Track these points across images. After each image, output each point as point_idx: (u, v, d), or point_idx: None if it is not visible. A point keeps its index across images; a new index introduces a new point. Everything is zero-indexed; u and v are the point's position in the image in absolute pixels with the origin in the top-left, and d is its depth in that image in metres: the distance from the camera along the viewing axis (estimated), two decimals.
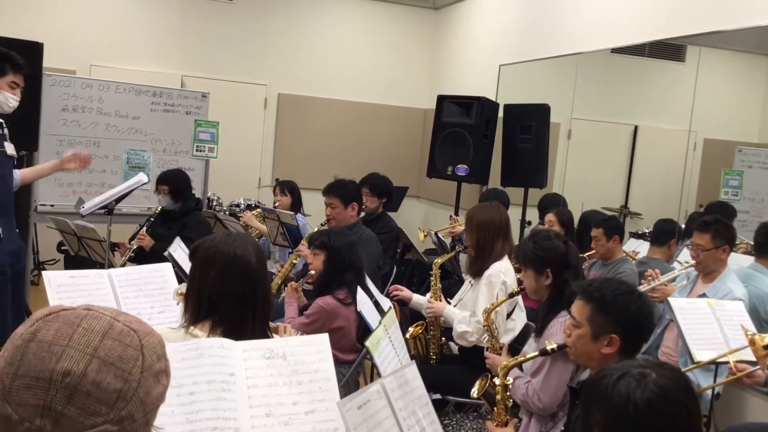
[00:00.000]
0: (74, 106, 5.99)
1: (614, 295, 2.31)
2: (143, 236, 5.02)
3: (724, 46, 5.32)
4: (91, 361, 1.02)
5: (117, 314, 1.11)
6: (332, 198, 4.74)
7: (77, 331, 1.05)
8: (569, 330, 2.41)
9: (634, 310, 2.29)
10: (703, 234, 3.82)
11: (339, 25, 8.51)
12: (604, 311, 2.30)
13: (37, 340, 1.04)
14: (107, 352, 1.04)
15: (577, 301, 2.40)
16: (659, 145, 6.10)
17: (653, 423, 1.50)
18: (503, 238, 3.87)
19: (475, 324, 3.67)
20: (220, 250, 2.28)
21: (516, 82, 6.98)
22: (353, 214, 4.76)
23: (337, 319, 3.62)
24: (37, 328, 1.06)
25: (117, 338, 1.06)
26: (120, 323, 1.08)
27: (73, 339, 1.04)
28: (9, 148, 3.71)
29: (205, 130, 6.40)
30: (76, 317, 1.07)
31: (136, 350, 1.07)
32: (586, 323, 2.33)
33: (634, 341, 2.33)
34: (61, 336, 1.04)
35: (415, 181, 8.68)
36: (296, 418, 1.97)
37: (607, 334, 2.29)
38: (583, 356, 2.39)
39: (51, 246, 6.74)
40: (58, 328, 1.05)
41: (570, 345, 2.42)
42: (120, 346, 1.06)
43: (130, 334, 1.08)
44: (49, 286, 2.72)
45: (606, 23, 5.74)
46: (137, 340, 1.08)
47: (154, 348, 1.11)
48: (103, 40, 7.51)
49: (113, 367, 1.03)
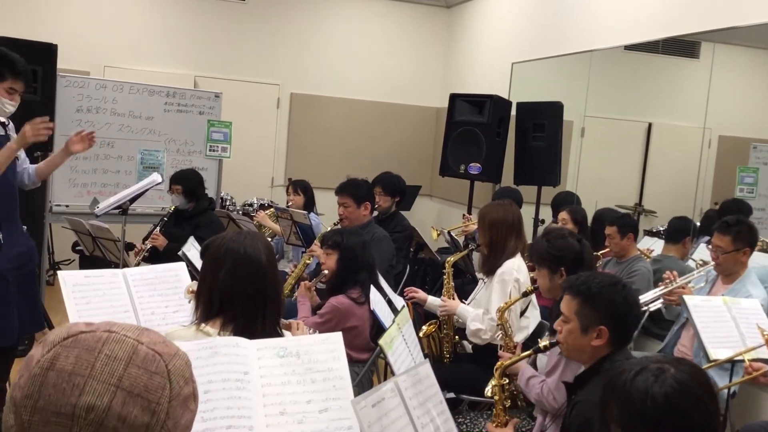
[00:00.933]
0: (88, 107, 6.02)
1: (599, 287, 2.34)
2: (157, 236, 5.04)
3: (738, 43, 5.28)
4: (115, 393, 0.95)
5: (139, 334, 1.03)
6: (345, 197, 4.74)
7: (99, 359, 0.97)
8: (560, 326, 2.43)
9: (619, 301, 2.32)
10: (724, 236, 3.72)
11: (351, 24, 8.51)
12: (590, 304, 2.33)
13: (56, 369, 0.96)
14: (132, 381, 0.97)
15: (564, 297, 2.43)
16: (674, 142, 6.06)
17: (671, 418, 1.50)
18: (516, 236, 3.86)
19: (488, 321, 3.66)
20: (231, 248, 2.29)
21: (529, 80, 6.96)
22: (366, 213, 4.76)
23: (350, 318, 3.62)
24: (55, 354, 0.98)
25: (142, 365, 0.98)
26: (144, 346, 1.00)
27: (95, 368, 0.96)
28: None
29: (218, 130, 6.42)
30: (96, 341, 0.99)
31: (163, 377, 1.00)
32: (575, 317, 2.36)
33: (622, 332, 2.36)
34: (81, 365, 0.96)
35: (428, 180, 8.67)
36: (310, 416, 1.97)
37: (595, 326, 2.32)
38: (575, 351, 2.42)
39: (66, 246, 6.79)
40: (78, 355, 0.97)
41: (561, 340, 2.44)
42: (146, 375, 0.98)
43: (156, 359, 1.00)
44: (64, 285, 2.74)
45: (619, 20, 5.71)
46: (163, 365, 1.00)
47: (181, 372, 1.03)
48: (117, 42, 7.55)
49: (140, 399, 0.96)
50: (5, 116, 3.66)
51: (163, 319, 2.84)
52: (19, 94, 3.64)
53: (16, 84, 3.59)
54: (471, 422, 3.31)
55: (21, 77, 3.60)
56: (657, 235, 5.38)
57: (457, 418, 3.26)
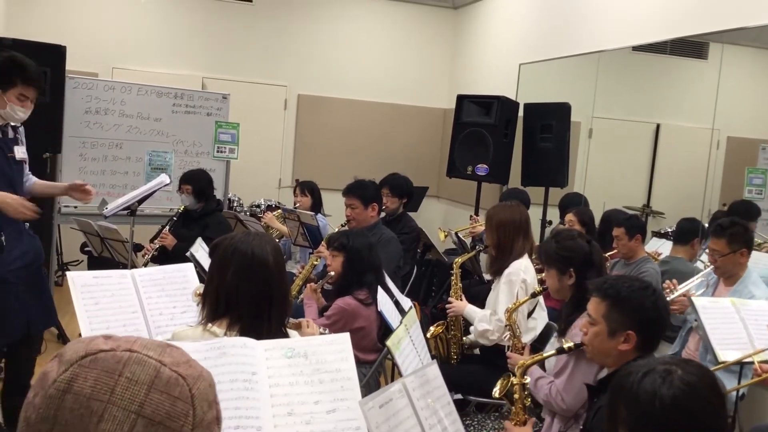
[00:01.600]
0: (97, 109, 6.05)
1: (629, 291, 2.31)
2: (166, 235, 5.06)
3: (747, 43, 5.26)
4: (136, 421, 0.90)
5: (162, 353, 0.97)
6: (352, 199, 4.74)
7: (119, 383, 0.91)
8: (585, 328, 2.40)
9: (649, 306, 2.29)
10: (719, 239, 3.75)
11: (358, 25, 8.52)
12: (619, 308, 2.30)
13: (73, 391, 0.91)
14: (154, 408, 0.91)
15: (592, 299, 2.39)
16: (682, 143, 6.05)
17: (679, 420, 1.50)
18: (523, 237, 3.86)
19: (495, 322, 3.66)
20: (239, 249, 2.30)
21: (536, 81, 6.95)
22: (373, 214, 4.76)
23: (357, 319, 3.62)
24: (72, 375, 0.92)
25: (164, 390, 0.93)
26: (167, 368, 0.95)
27: (115, 393, 0.91)
28: (18, 152, 3.64)
29: (226, 131, 6.43)
30: (117, 362, 0.93)
31: (187, 403, 0.94)
32: (602, 320, 2.33)
33: (650, 337, 2.32)
34: (101, 389, 0.91)
35: (435, 181, 8.67)
36: (318, 417, 1.97)
37: (623, 330, 2.29)
38: (600, 354, 2.39)
39: (74, 247, 6.82)
40: (97, 377, 0.92)
41: (587, 343, 2.41)
42: (168, 400, 0.93)
43: (179, 382, 0.94)
44: (73, 286, 2.75)
45: (627, 21, 5.69)
46: (187, 390, 0.95)
47: (205, 396, 0.97)
48: (125, 43, 7.58)
49: (161, 427, 0.91)
50: (16, 122, 3.64)
51: (171, 319, 2.85)
52: (31, 101, 3.58)
53: (27, 91, 3.53)
54: (479, 423, 3.31)
55: (32, 84, 3.54)
56: (665, 237, 5.36)
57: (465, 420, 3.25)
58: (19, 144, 3.70)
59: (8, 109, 3.52)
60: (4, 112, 3.53)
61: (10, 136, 3.64)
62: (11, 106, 3.52)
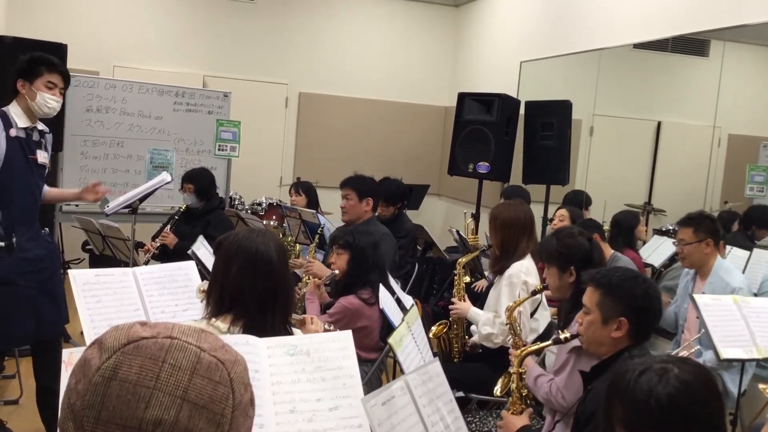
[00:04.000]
0: (98, 107, 6.05)
1: (620, 279, 2.38)
2: (167, 234, 5.06)
3: (748, 41, 5.26)
4: (182, 406, 0.92)
5: (199, 339, 0.99)
6: (348, 190, 4.75)
7: (164, 369, 0.94)
8: (581, 318, 2.45)
9: (640, 294, 2.35)
10: (686, 228, 3.89)
11: (359, 23, 8.52)
12: (611, 295, 2.37)
13: (119, 379, 0.93)
14: (198, 393, 0.94)
15: (587, 289, 2.46)
16: (683, 141, 6.04)
17: (676, 418, 1.50)
18: (528, 237, 3.84)
19: (499, 326, 3.65)
20: (243, 246, 2.30)
21: (537, 79, 6.95)
22: (368, 209, 4.76)
23: (360, 318, 3.61)
24: (117, 362, 0.94)
25: (206, 375, 0.96)
26: (206, 354, 0.98)
27: (160, 379, 0.93)
28: (41, 156, 3.69)
29: (227, 129, 6.43)
30: (159, 349, 0.96)
31: (227, 387, 0.97)
32: (596, 309, 2.39)
33: (642, 325, 2.38)
34: (146, 375, 0.93)
35: (436, 179, 8.67)
36: (320, 414, 1.98)
37: (615, 318, 2.35)
38: (594, 342, 2.44)
39: (76, 245, 6.82)
40: (142, 364, 0.94)
41: (582, 332, 2.46)
42: (210, 385, 0.95)
43: (219, 367, 0.98)
44: (75, 284, 2.75)
45: (628, 18, 5.69)
46: (226, 374, 0.98)
47: (242, 379, 1.01)
48: (126, 42, 7.58)
49: (205, 411, 0.94)
50: (50, 113, 3.67)
51: (173, 317, 2.85)
52: (60, 91, 3.66)
53: (53, 77, 3.61)
54: (480, 421, 3.31)
55: (57, 69, 3.63)
56: (666, 234, 5.36)
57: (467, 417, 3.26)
58: (43, 149, 3.72)
59: (39, 99, 3.57)
60: (35, 104, 3.58)
61: (34, 138, 3.67)
62: (41, 95, 3.57)
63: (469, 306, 3.90)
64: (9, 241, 3.52)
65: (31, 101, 3.57)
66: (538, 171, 6.46)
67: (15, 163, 3.53)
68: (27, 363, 4.50)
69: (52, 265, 3.80)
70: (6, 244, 3.51)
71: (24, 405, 4.30)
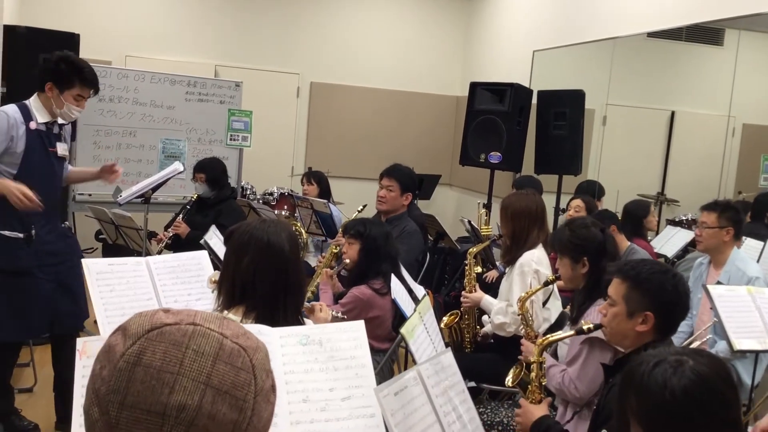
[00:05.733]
0: (110, 97, 6.06)
1: (650, 273, 2.32)
2: (179, 224, 5.08)
3: (764, 30, 5.21)
4: (205, 391, 0.94)
5: (221, 326, 1.01)
6: (392, 181, 4.64)
7: (187, 355, 0.95)
8: (605, 309, 2.41)
9: (669, 288, 2.29)
10: (711, 212, 3.89)
11: (371, 13, 8.49)
12: (639, 289, 2.31)
13: (143, 364, 0.94)
14: (221, 378, 0.96)
15: (614, 280, 2.40)
16: (697, 130, 6.01)
17: (690, 411, 1.48)
18: (539, 227, 3.83)
19: (512, 315, 3.65)
20: (255, 236, 2.30)
21: (550, 68, 6.91)
22: (405, 203, 4.70)
23: (372, 309, 3.61)
24: (141, 348, 0.96)
25: (228, 361, 0.98)
26: (229, 341, 0.99)
27: (184, 365, 0.95)
28: (60, 148, 3.71)
29: (239, 119, 6.44)
30: (183, 336, 0.97)
31: (249, 373, 0.99)
32: (622, 301, 2.34)
33: (668, 320, 2.33)
34: (170, 361, 0.95)
35: (448, 169, 8.65)
36: (333, 404, 1.98)
37: (641, 311, 2.29)
38: (618, 335, 2.39)
39: (89, 235, 6.84)
40: (166, 350, 0.95)
41: (605, 324, 2.42)
42: (233, 371, 0.97)
43: (241, 354, 0.99)
44: (88, 273, 2.77)
45: (642, 7, 5.64)
46: (248, 360, 1.00)
47: (263, 365, 1.02)
48: (138, 31, 7.59)
49: (228, 396, 0.96)
50: (70, 120, 3.73)
51: (186, 306, 2.84)
52: (86, 99, 3.69)
53: (84, 91, 3.64)
54: (492, 411, 3.31)
55: (91, 85, 3.66)
56: (680, 225, 5.33)
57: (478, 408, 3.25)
58: (62, 141, 3.74)
59: (65, 109, 3.61)
60: (61, 112, 3.61)
61: (54, 131, 3.69)
62: (68, 106, 3.60)
63: (482, 295, 3.90)
64: (28, 233, 3.54)
65: (57, 108, 3.59)
66: (550, 161, 6.43)
67: (35, 156, 3.55)
68: (41, 351, 4.54)
69: (72, 258, 3.81)
70: (25, 235, 3.53)
71: (38, 393, 4.34)
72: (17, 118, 3.51)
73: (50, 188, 3.66)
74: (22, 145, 3.51)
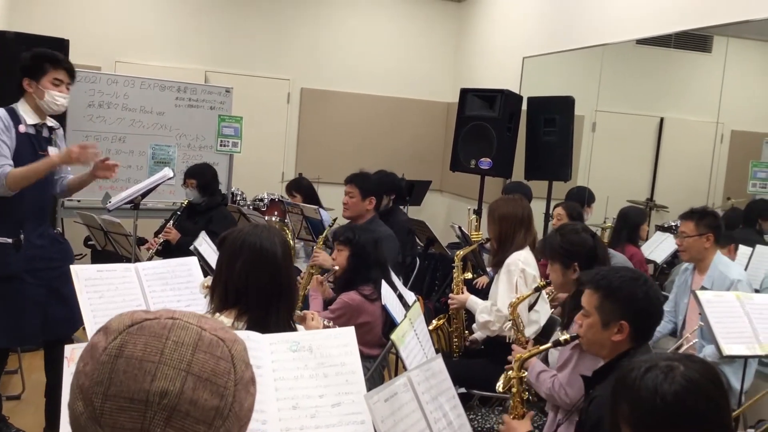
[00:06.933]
0: (100, 102, 6.05)
1: (621, 281, 2.32)
2: (170, 230, 5.06)
3: (751, 37, 5.24)
4: (186, 378, 0.97)
5: (200, 321, 1.04)
6: (352, 187, 4.79)
7: (167, 345, 0.98)
8: (580, 320, 2.41)
9: (641, 296, 2.29)
10: (688, 221, 3.91)
11: (361, 19, 8.50)
12: (611, 299, 2.31)
13: (125, 356, 0.97)
14: (201, 366, 0.98)
15: (585, 291, 2.40)
16: (686, 137, 6.03)
17: (682, 416, 1.49)
18: (525, 230, 3.86)
19: (495, 313, 3.67)
20: (248, 242, 2.30)
21: (540, 75, 6.94)
22: (369, 207, 4.77)
23: (361, 314, 3.62)
24: (122, 342, 0.98)
25: (208, 350, 1.00)
26: (208, 333, 1.02)
27: (164, 354, 0.97)
28: (51, 152, 3.68)
29: (229, 125, 6.43)
30: (162, 328, 1.00)
31: (228, 362, 1.01)
32: (595, 312, 2.34)
33: (643, 327, 2.33)
34: (151, 351, 0.97)
35: (438, 175, 8.67)
36: (323, 410, 1.98)
37: (616, 321, 2.29)
38: (595, 345, 2.40)
39: (78, 241, 6.80)
40: (146, 342, 0.98)
41: (581, 334, 2.42)
42: (212, 359, 1.00)
43: (220, 344, 1.02)
44: (77, 279, 2.76)
45: (631, 14, 5.67)
46: (227, 350, 1.02)
47: (241, 357, 1.05)
48: (128, 37, 7.57)
49: (209, 383, 0.98)
50: (59, 110, 3.68)
51: None
52: (66, 86, 3.65)
53: (59, 73, 3.60)
54: (482, 418, 3.31)
55: (62, 65, 3.62)
56: (669, 231, 5.35)
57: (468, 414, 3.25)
58: (54, 145, 3.71)
59: (47, 97, 3.58)
60: (44, 102, 3.58)
61: (44, 135, 3.67)
62: (49, 93, 3.57)
63: (468, 296, 3.92)
64: (17, 238, 3.51)
65: (40, 100, 3.57)
66: (540, 167, 6.44)
67: (25, 159, 3.53)
68: (30, 358, 4.51)
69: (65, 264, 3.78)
70: (14, 240, 3.51)
71: (26, 400, 4.31)
72: (8, 120, 3.50)
73: (41, 192, 3.64)
74: (12, 147, 3.49)
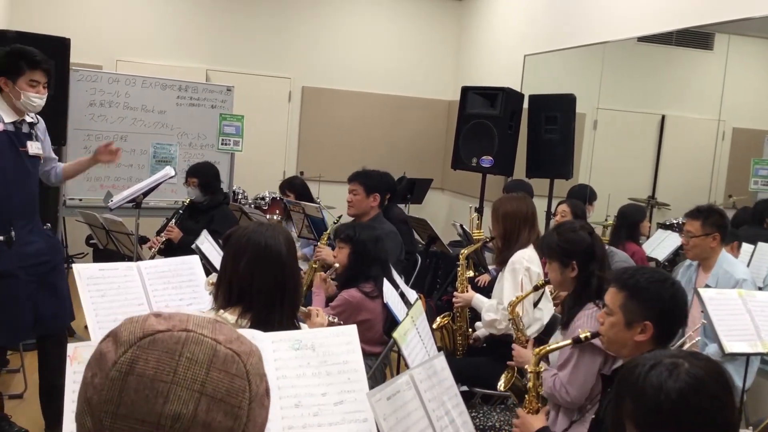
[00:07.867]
0: (101, 101, 6.05)
1: (648, 282, 2.29)
2: (172, 228, 5.06)
3: (753, 34, 5.24)
4: (199, 400, 0.93)
5: (214, 331, 0.99)
6: (355, 185, 4.78)
7: (181, 363, 0.94)
8: (602, 318, 2.39)
9: (667, 297, 2.27)
10: (694, 221, 3.88)
11: (363, 17, 8.50)
12: (637, 298, 2.28)
13: (136, 373, 0.93)
14: (215, 386, 0.94)
15: (610, 289, 2.38)
16: (687, 134, 6.03)
17: (686, 414, 1.48)
18: (529, 228, 3.85)
19: (502, 312, 3.66)
20: (252, 239, 2.30)
21: (541, 73, 6.93)
22: (374, 205, 4.76)
23: (362, 312, 3.62)
24: (133, 357, 0.94)
25: (222, 368, 0.96)
26: (222, 347, 0.98)
27: (177, 374, 0.93)
28: (33, 147, 3.67)
29: (230, 123, 6.43)
30: (176, 343, 0.95)
31: (243, 379, 0.97)
32: (619, 311, 2.31)
33: (667, 329, 2.30)
34: (163, 370, 0.93)
35: (440, 173, 8.67)
36: (325, 408, 1.98)
37: (640, 321, 2.27)
38: (616, 344, 2.37)
39: (80, 240, 6.82)
40: (159, 358, 0.94)
41: (603, 333, 2.39)
42: (227, 378, 0.96)
43: (235, 360, 0.98)
44: (79, 278, 2.75)
45: (632, 12, 5.67)
46: (242, 366, 0.98)
47: (257, 370, 1.01)
48: (129, 36, 7.58)
49: (222, 404, 0.94)
50: (35, 110, 3.67)
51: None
52: (44, 86, 3.63)
53: (35, 74, 3.58)
54: (484, 416, 3.31)
55: (39, 66, 3.60)
56: (671, 228, 5.35)
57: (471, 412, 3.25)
58: (33, 139, 3.71)
59: (23, 99, 3.56)
60: (21, 103, 3.57)
61: (24, 131, 3.66)
62: (25, 94, 3.56)
63: (473, 294, 3.91)
64: (8, 235, 3.52)
65: (16, 100, 3.56)
66: (541, 165, 6.45)
67: (6, 157, 3.53)
68: (31, 357, 4.52)
69: (55, 258, 3.80)
70: (5, 237, 3.51)
71: (28, 399, 4.31)
72: None
73: (25, 188, 3.64)
74: None
